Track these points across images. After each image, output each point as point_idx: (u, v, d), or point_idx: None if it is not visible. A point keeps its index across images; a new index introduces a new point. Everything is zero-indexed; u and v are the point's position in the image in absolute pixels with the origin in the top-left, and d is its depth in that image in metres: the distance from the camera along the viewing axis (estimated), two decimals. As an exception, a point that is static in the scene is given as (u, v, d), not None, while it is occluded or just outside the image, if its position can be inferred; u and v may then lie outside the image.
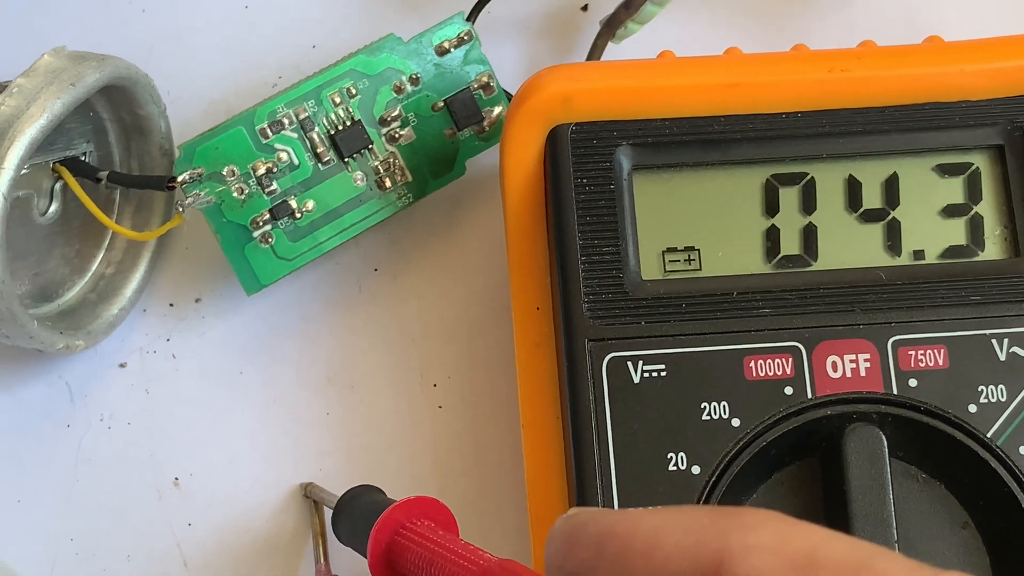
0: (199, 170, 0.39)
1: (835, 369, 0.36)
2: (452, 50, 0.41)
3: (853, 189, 0.37)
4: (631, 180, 0.37)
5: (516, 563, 0.32)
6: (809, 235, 0.37)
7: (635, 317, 0.36)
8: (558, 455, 0.36)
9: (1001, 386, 0.35)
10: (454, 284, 0.42)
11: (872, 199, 0.37)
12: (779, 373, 0.36)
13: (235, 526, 0.40)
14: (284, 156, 0.40)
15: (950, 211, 0.37)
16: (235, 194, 0.39)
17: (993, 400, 0.35)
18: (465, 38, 0.41)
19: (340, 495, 0.38)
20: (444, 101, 0.41)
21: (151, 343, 0.42)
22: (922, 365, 0.36)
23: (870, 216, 0.37)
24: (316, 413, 0.41)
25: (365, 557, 0.35)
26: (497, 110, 0.41)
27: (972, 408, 0.35)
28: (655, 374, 0.36)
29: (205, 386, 0.41)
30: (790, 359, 0.36)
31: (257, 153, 0.39)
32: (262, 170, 0.39)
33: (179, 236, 0.42)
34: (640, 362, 0.36)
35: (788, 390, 0.35)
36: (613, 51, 0.42)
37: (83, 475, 0.41)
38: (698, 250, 0.37)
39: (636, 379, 0.36)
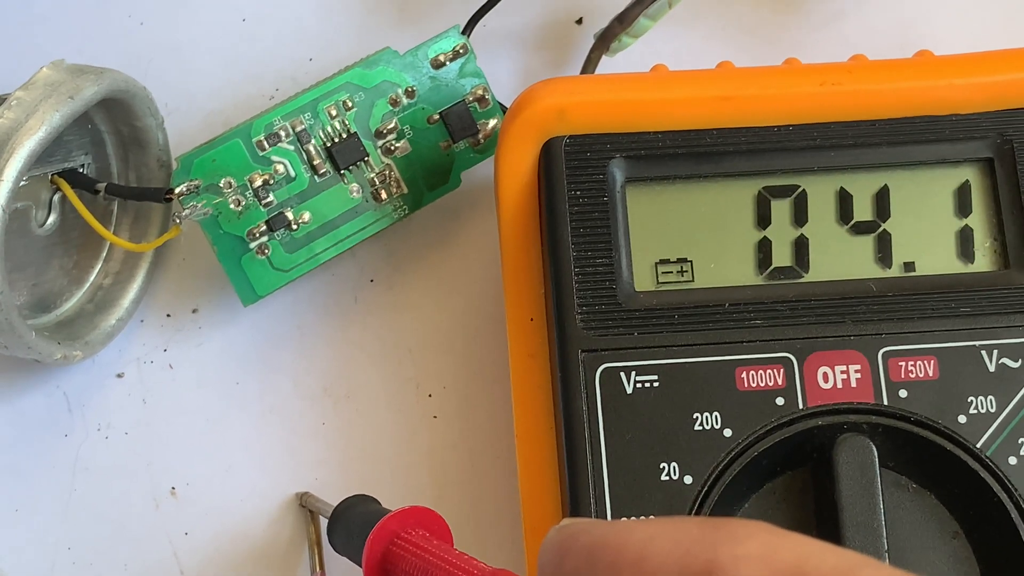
0: (196, 182, 0.39)
1: (826, 380, 0.36)
2: (448, 63, 0.41)
3: (844, 201, 0.38)
4: (624, 192, 0.38)
5: (510, 573, 0.32)
6: (801, 247, 0.38)
7: (628, 328, 0.36)
8: (552, 465, 0.36)
9: (991, 397, 0.36)
10: (449, 295, 0.42)
11: (863, 211, 0.38)
12: (771, 384, 0.36)
13: (231, 535, 0.40)
14: (281, 168, 0.40)
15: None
16: (232, 206, 0.40)
17: (983, 411, 0.36)
18: (460, 51, 0.41)
19: (335, 505, 0.38)
20: (440, 114, 0.41)
21: (148, 353, 0.42)
22: (912, 376, 0.36)
23: (861, 228, 0.38)
24: (312, 423, 0.41)
25: (360, 567, 0.35)
26: (492, 123, 0.42)
27: (962, 419, 0.35)
28: (648, 384, 0.36)
29: (202, 396, 0.42)
30: (781, 370, 0.36)
31: (254, 165, 0.40)
32: (259, 182, 0.40)
33: (176, 247, 0.43)
34: (633, 373, 0.36)
35: (780, 401, 0.36)
36: (607, 64, 0.42)
37: (80, 484, 0.41)
38: (691, 262, 0.38)
39: (629, 389, 0.36)
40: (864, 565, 0.25)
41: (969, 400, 0.36)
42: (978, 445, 0.35)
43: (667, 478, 0.35)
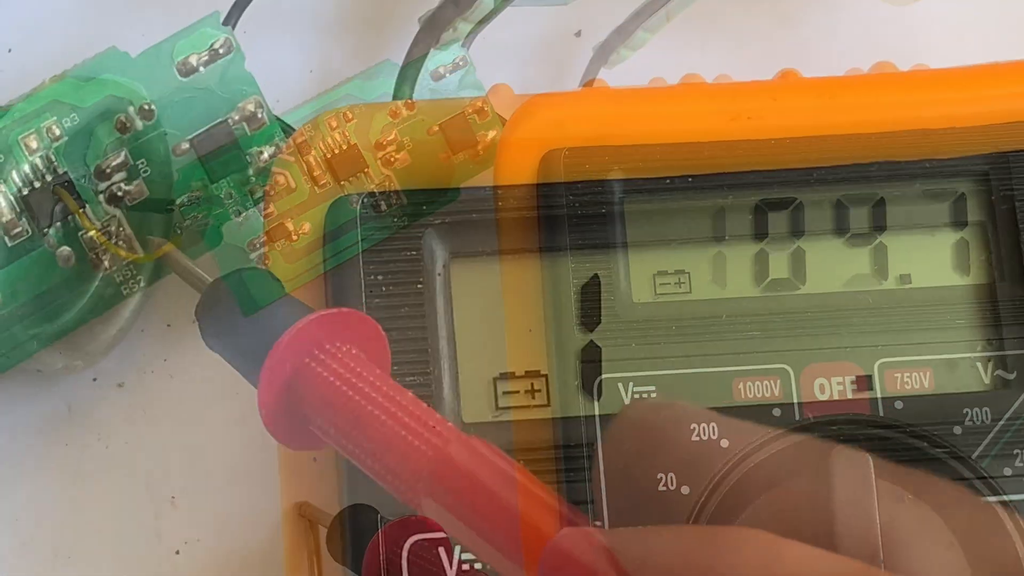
0: (197, 193, 0.40)
1: (822, 391, 0.36)
2: (447, 75, 0.41)
3: (841, 214, 0.38)
4: (623, 204, 0.38)
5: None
6: (797, 259, 0.38)
7: (626, 339, 0.36)
8: (549, 475, 0.37)
9: (986, 408, 0.36)
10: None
11: (859, 224, 0.38)
12: (767, 395, 0.36)
13: (232, 545, 0.41)
14: (281, 179, 0.40)
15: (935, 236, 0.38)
16: (233, 216, 0.40)
17: (978, 422, 0.36)
18: (460, 63, 0.42)
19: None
20: (439, 125, 0.41)
21: (149, 363, 0.42)
22: (908, 387, 0.36)
23: (857, 241, 0.38)
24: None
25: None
26: (491, 134, 0.42)
27: (957, 430, 0.36)
28: (645, 395, 0.36)
29: (202, 406, 0.42)
30: (778, 381, 0.36)
31: (254, 176, 0.40)
32: (259, 193, 0.40)
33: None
34: (631, 383, 0.36)
35: (776, 412, 0.36)
36: (606, 77, 0.42)
37: (80, 494, 0.41)
38: (688, 273, 0.38)
39: (627, 400, 0.36)
40: (862, 573, 0.25)
41: (964, 411, 0.36)
42: (973, 456, 0.35)
43: (664, 488, 0.35)
